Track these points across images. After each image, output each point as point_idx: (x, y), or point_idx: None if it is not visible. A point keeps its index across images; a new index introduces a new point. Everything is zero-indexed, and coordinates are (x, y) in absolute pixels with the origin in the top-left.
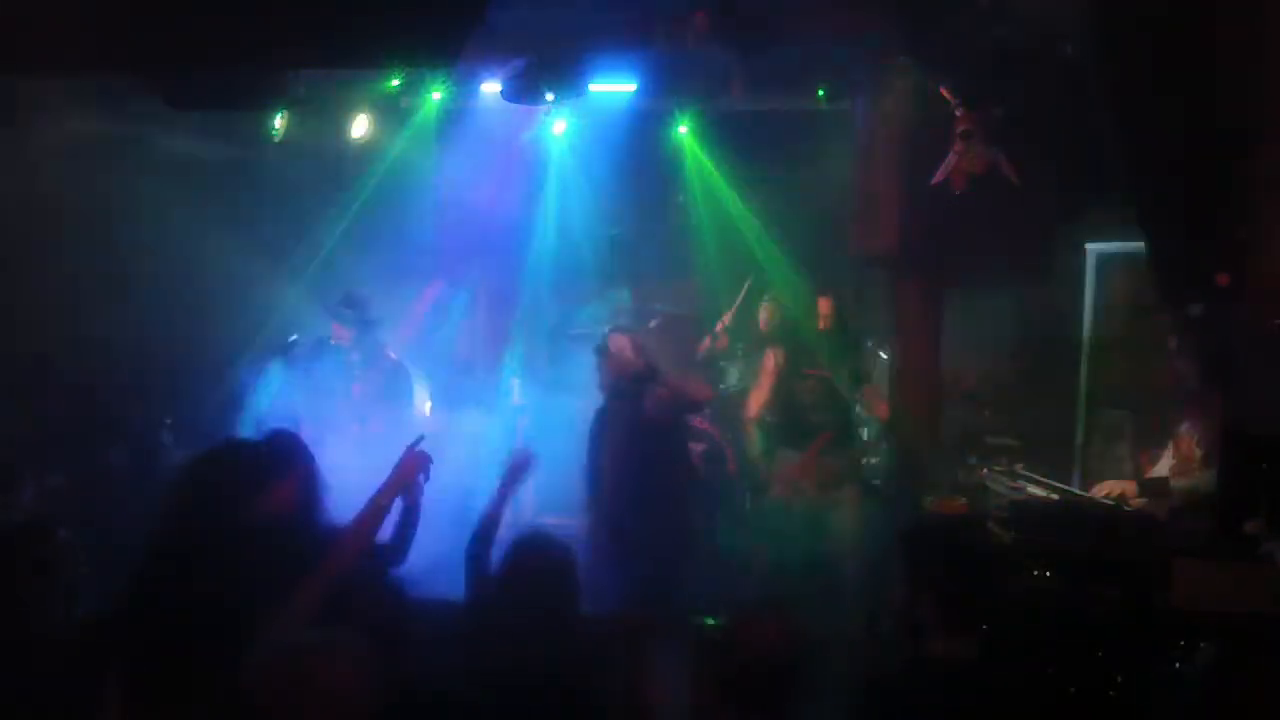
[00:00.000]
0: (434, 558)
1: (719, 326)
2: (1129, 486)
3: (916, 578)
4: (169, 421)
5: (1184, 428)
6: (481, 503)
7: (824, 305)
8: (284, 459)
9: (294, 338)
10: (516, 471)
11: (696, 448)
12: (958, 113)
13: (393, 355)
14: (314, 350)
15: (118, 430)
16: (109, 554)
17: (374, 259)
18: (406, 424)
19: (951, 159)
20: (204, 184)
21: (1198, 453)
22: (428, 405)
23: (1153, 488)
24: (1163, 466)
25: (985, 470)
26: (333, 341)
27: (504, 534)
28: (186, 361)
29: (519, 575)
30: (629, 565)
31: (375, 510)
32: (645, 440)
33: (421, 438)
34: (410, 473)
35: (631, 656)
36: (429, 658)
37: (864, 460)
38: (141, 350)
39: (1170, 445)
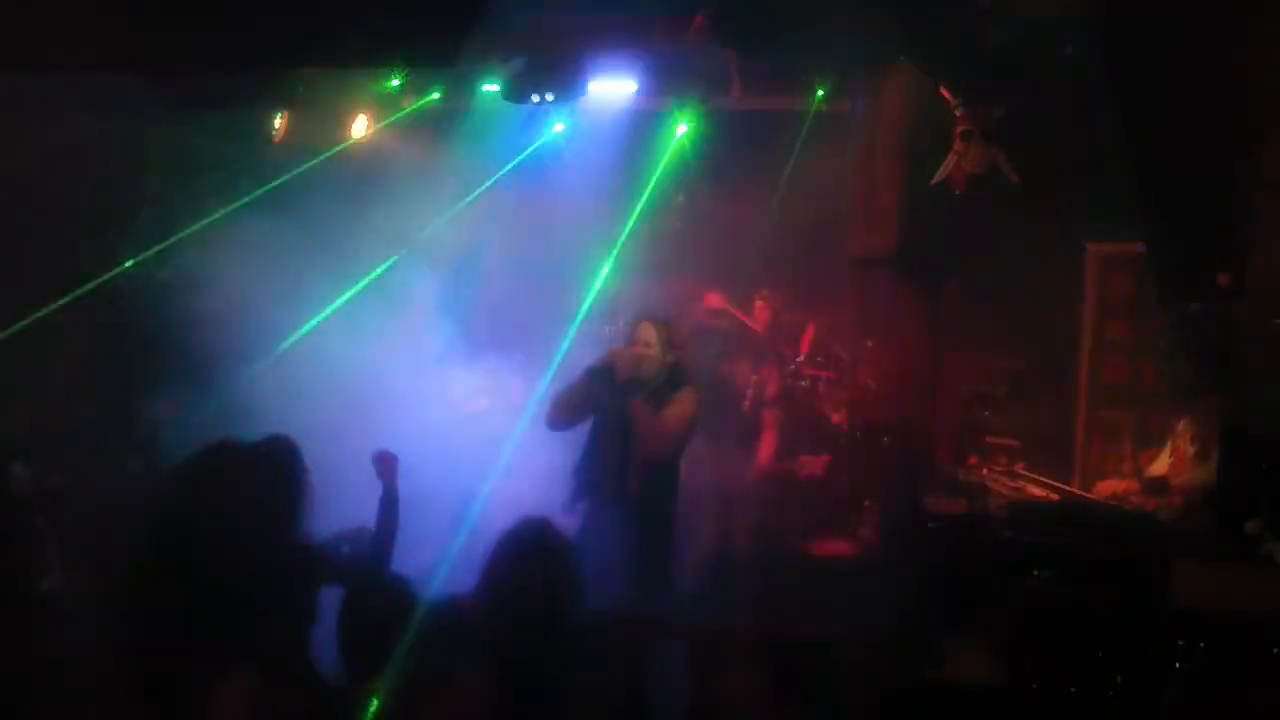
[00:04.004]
0: (436, 555)
1: None
2: (1131, 485)
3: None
4: (165, 420)
5: (1180, 426)
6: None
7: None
8: (279, 463)
9: None
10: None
11: None
12: (958, 113)
13: None
14: None
15: (117, 427)
16: (108, 552)
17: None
18: None
19: (951, 159)
20: (205, 183)
21: (1191, 450)
22: None
23: (1154, 487)
24: (1161, 465)
25: (985, 470)
26: None
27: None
28: (186, 360)
29: (515, 566)
30: (630, 561)
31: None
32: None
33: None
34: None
35: (631, 655)
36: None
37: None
38: (141, 348)
39: (1169, 444)
